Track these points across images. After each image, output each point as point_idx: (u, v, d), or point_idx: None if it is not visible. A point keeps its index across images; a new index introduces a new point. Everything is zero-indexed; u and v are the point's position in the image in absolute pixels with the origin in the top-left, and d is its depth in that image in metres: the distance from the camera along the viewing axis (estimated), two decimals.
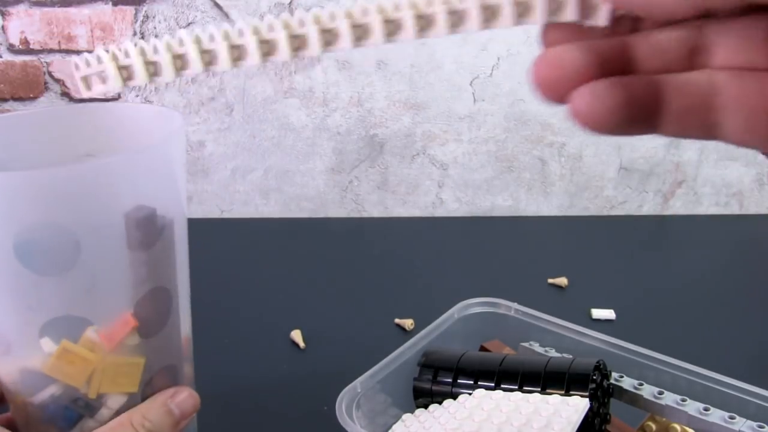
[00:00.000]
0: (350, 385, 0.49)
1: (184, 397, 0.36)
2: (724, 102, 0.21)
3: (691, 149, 1.03)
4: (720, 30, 0.22)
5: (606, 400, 0.49)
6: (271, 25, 0.24)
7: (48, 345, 0.31)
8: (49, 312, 0.30)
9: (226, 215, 1.06)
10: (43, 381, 0.32)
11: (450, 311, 0.60)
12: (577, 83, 0.22)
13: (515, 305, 0.59)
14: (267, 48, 0.24)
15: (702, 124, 0.22)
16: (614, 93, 0.21)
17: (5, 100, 0.98)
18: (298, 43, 0.24)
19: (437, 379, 0.52)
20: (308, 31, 0.24)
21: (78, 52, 0.96)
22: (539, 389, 0.48)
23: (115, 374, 0.32)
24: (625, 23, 0.24)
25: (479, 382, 0.50)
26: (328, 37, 0.24)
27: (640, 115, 0.22)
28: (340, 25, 0.24)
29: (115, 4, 0.94)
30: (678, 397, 0.47)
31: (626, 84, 0.21)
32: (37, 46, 0.96)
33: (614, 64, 0.22)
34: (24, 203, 0.29)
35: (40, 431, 0.34)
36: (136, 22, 0.96)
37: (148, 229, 0.31)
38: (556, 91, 0.23)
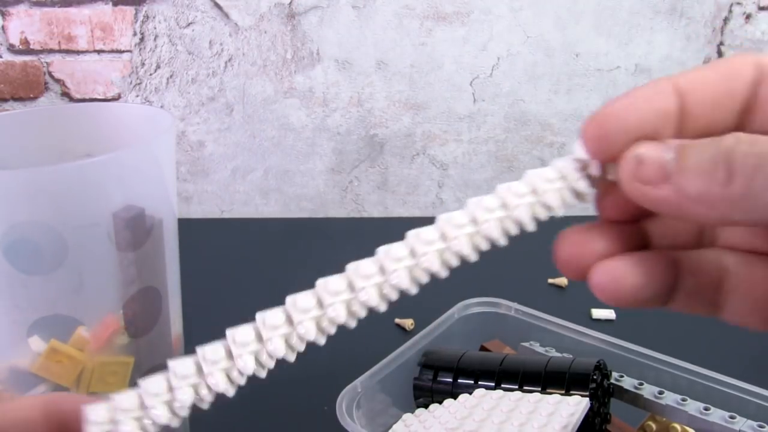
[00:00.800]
0: (350, 385, 0.49)
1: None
2: (733, 286, 0.22)
3: None
4: None
5: (606, 400, 0.49)
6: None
7: (36, 344, 0.31)
8: (38, 311, 0.30)
9: (226, 215, 1.06)
10: (31, 380, 0.32)
11: (450, 311, 0.59)
12: (597, 260, 0.22)
13: (515, 305, 0.59)
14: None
15: (710, 303, 0.23)
16: (634, 272, 0.22)
17: (5, 100, 0.98)
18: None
19: (437, 379, 0.52)
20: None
21: (78, 52, 0.96)
22: (539, 389, 0.48)
23: (104, 374, 0.32)
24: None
25: (479, 382, 0.50)
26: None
27: (657, 293, 0.22)
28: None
29: (115, 4, 0.94)
30: (678, 397, 0.46)
31: (645, 263, 0.22)
32: (37, 46, 0.96)
33: (632, 239, 0.23)
34: (11, 202, 0.29)
35: None
36: (136, 22, 0.95)
37: (136, 229, 0.31)
38: (577, 269, 0.23)
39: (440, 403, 0.51)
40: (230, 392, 0.22)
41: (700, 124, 0.21)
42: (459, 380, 0.51)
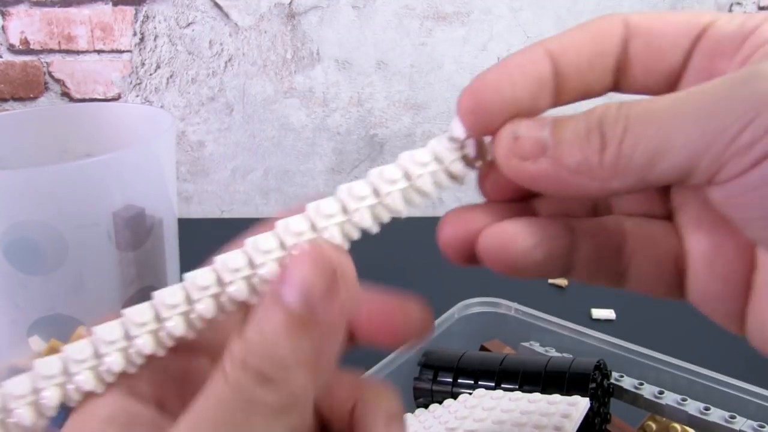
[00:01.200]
0: None
1: (292, 273, 0.19)
2: (632, 249, 0.22)
3: None
4: None
5: (606, 400, 0.49)
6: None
7: (36, 344, 0.31)
8: (38, 311, 0.30)
9: (226, 215, 1.06)
10: None
11: (450, 311, 0.59)
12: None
13: (515, 305, 0.59)
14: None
15: (612, 271, 0.22)
16: (525, 234, 0.21)
17: (5, 100, 0.98)
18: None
19: (437, 379, 0.52)
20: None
21: (78, 52, 0.96)
22: (539, 389, 0.48)
23: None
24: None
25: (479, 382, 0.50)
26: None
27: (551, 256, 0.21)
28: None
29: (115, 4, 0.94)
30: (678, 397, 0.46)
31: (536, 225, 0.21)
32: (37, 46, 0.96)
33: (520, 215, 0.22)
34: (11, 202, 0.28)
35: None
36: (136, 22, 0.95)
37: (136, 229, 0.31)
38: (461, 251, 0.22)
39: (440, 403, 0.51)
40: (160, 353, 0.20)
41: (577, 86, 0.21)
42: (459, 380, 0.51)
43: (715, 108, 0.17)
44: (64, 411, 0.21)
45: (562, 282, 0.80)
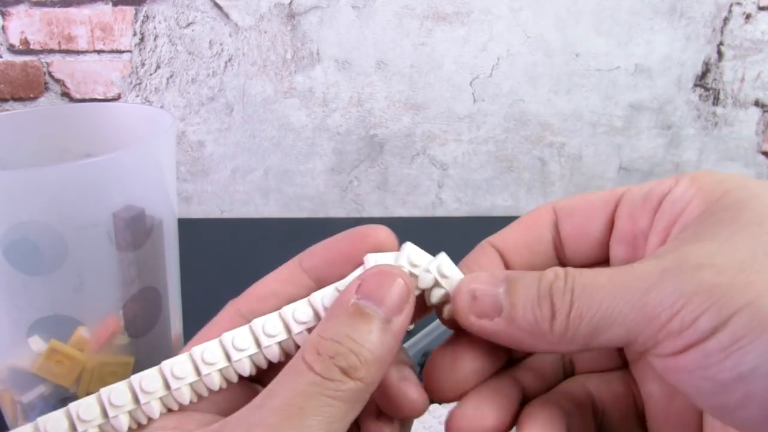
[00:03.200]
0: None
1: (378, 281, 0.22)
2: (600, 407, 0.25)
3: (690, 149, 1.03)
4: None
5: None
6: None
7: (37, 344, 0.31)
8: (38, 311, 0.30)
9: (226, 215, 1.06)
10: (32, 380, 0.32)
11: None
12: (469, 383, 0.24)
13: None
14: None
15: (590, 428, 0.25)
16: (494, 417, 0.24)
17: (5, 100, 0.98)
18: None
19: None
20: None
21: (78, 53, 0.96)
22: None
23: (104, 374, 0.32)
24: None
25: None
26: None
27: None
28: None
29: (115, 4, 0.94)
30: None
31: (507, 408, 0.24)
32: (37, 47, 0.96)
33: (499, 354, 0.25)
34: (11, 202, 0.29)
35: None
36: (136, 23, 0.95)
37: (136, 229, 0.31)
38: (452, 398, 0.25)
39: (440, 403, 0.51)
40: None
41: (525, 269, 0.25)
42: None
43: (647, 295, 0.20)
44: None
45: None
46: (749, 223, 0.20)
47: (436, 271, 0.24)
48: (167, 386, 0.22)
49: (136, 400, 0.22)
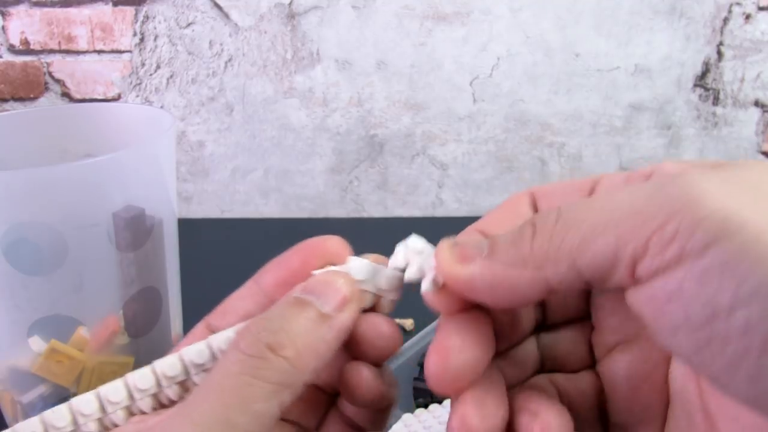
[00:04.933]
0: None
1: (319, 280, 0.23)
2: (567, 400, 0.24)
3: (690, 149, 1.03)
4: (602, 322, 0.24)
5: None
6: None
7: (36, 344, 0.31)
8: (38, 311, 0.30)
9: (226, 215, 1.06)
10: (32, 380, 0.32)
11: None
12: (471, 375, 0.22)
13: None
14: None
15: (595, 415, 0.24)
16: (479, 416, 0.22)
17: (5, 100, 0.98)
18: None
19: None
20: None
21: (78, 53, 0.96)
22: None
23: (104, 374, 0.32)
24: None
25: None
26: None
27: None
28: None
29: (115, 4, 0.94)
30: None
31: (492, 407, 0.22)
32: (37, 47, 0.96)
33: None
34: (11, 203, 0.29)
35: None
36: (136, 23, 0.95)
37: (136, 229, 0.31)
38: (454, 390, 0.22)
39: (440, 403, 0.51)
40: None
41: None
42: None
43: (644, 201, 0.18)
44: None
45: None
46: (749, 180, 0.18)
47: (373, 286, 0.25)
48: (103, 410, 0.23)
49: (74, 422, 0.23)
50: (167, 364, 0.23)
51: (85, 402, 0.23)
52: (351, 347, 0.24)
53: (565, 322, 0.25)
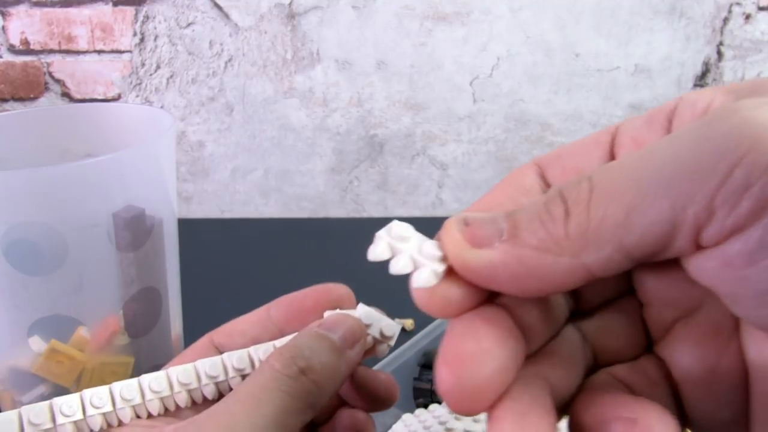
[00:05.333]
0: None
1: (336, 320, 0.26)
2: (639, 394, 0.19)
3: None
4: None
5: None
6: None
7: (36, 344, 0.31)
8: (38, 311, 0.30)
9: (226, 215, 1.06)
10: (32, 380, 0.32)
11: None
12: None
13: None
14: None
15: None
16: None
17: (5, 100, 0.98)
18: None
19: None
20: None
21: (78, 53, 0.96)
22: None
23: (104, 374, 0.32)
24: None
25: None
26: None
27: None
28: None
29: (115, 4, 0.94)
30: None
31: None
32: (37, 47, 0.96)
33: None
34: (11, 202, 0.29)
35: None
36: (136, 23, 0.95)
37: (136, 229, 0.31)
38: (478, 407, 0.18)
39: (440, 403, 0.51)
40: None
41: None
42: None
43: (695, 151, 0.15)
44: None
45: None
46: None
47: (378, 332, 0.27)
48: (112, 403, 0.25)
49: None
50: (209, 364, 0.26)
51: (127, 387, 0.25)
52: (351, 396, 0.27)
53: (605, 303, 0.21)
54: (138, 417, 0.24)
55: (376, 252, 0.20)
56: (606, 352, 0.20)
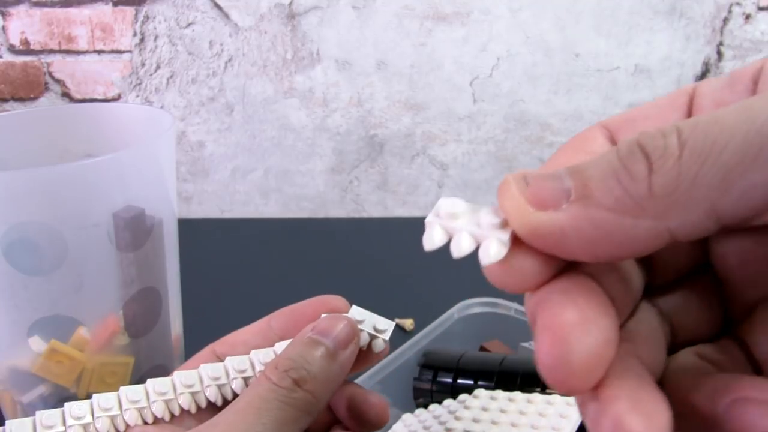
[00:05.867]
0: None
1: (328, 323, 0.27)
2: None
3: None
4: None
5: None
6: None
7: (36, 344, 0.31)
8: (38, 311, 0.30)
9: (226, 215, 1.06)
10: (32, 380, 0.32)
11: (450, 311, 0.59)
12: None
13: (515, 305, 0.59)
14: None
15: None
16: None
17: (5, 100, 0.98)
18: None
19: (437, 379, 0.52)
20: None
21: (78, 53, 0.96)
22: (539, 389, 0.48)
23: (104, 374, 0.32)
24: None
25: (479, 382, 0.50)
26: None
27: None
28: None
29: (115, 4, 0.94)
30: None
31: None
32: (37, 47, 0.96)
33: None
34: (11, 203, 0.29)
35: None
36: (136, 23, 0.95)
37: (136, 229, 0.31)
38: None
39: (440, 403, 0.51)
40: None
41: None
42: (459, 380, 0.51)
43: None
44: None
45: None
46: None
47: (371, 327, 0.28)
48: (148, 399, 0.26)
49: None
50: (211, 367, 0.27)
51: (133, 390, 0.25)
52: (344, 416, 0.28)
53: (679, 278, 0.19)
54: (144, 422, 0.25)
55: (433, 239, 0.17)
56: (684, 330, 0.18)
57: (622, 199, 0.14)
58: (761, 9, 0.95)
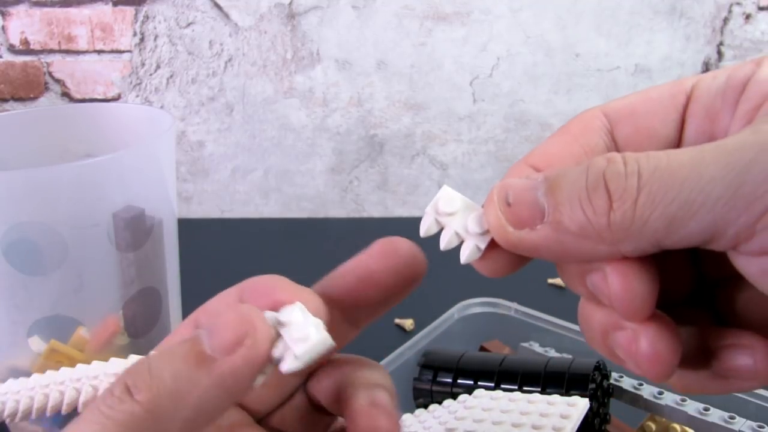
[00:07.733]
0: None
1: (214, 315, 0.21)
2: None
3: None
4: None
5: (606, 400, 0.49)
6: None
7: (36, 344, 0.31)
8: (38, 311, 0.30)
9: (226, 215, 1.06)
10: None
11: (450, 311, 0.59)
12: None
13: (515, 305, 0.59)
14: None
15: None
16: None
17: (5, 100, 0.98)
18: None
19: (437, 380, 0.52)
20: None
21: (78, 53, 0.96)
22: (539, 389, 0.48)
23: None
24: None
25: (479, 383, 0.50)
26: None
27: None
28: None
29: (115, 4, 0.94)
30: (678, 397, 0.46)
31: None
32: (37, 47, 0.96)
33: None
34: (11, 203, 0.29)
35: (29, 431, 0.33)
36: (136, 23, 0.95)
37: (136, 229, 0.31)
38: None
39: (440, 403, 0.51)
40: None
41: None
42: (459, 380, 0.51)
43: (746, 172, 0.16)
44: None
45: (562, 282, 0.80)
46: None
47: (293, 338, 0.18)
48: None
49: None
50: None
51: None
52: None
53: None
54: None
55: (425, 227, 0.21)
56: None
57: (585, 228, 0.17)
58: (761, 9, 0.95)
